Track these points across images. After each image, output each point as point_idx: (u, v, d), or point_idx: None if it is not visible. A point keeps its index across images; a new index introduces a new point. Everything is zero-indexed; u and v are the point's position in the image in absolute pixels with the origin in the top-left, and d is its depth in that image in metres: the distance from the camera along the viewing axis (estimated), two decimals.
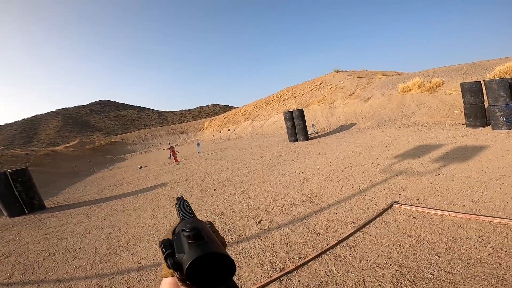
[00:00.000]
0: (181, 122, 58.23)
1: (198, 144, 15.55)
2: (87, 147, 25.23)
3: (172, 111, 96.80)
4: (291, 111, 11.91)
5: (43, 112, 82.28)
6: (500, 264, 2.18)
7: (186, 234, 0.45)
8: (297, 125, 11.58)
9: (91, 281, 3.24)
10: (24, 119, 77.07)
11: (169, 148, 13.29)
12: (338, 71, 20.83)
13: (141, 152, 25.49)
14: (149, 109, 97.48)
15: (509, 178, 3.85)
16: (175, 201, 0.69)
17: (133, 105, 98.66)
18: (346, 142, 9.14)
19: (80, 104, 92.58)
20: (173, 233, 0.52)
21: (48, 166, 17.11)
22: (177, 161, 12.66)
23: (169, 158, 13.39)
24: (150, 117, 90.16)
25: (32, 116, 79.50)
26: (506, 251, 2.32)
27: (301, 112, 11.66)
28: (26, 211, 7.52)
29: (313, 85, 20.35)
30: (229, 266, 0.43)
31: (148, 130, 36.35)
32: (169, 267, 0.44)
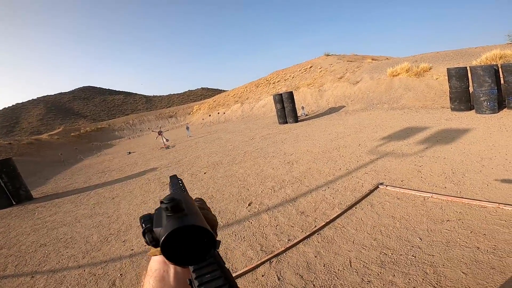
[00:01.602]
0: (169, 107, 57.04)
1: (187, 128, 15.37)
2: (72, 134, 24.44)
3: (160, 96, 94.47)
4: (281, 94, 11.83)
5: (24, 101, 78.67)
6: (478, 248, 2.28)
7: (164, 205, 0.41)
8: (286, 108, 11.56)
9: (84, 270, 3.25)
10: (4, 108, 73.70)
11: (158, 133, 13.09)
12: (328, 55, 20.64)
13: (129, 138, 25.03)
14: (136, 94, 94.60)
15: (490, 160, 4.01)
16: (169, 180, 0.66)
17: (119, 91, 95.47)
18: (334, 124, 9.22)
19: (63, 91, 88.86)
20: None
21: (33, 155, 16.60)
22: (165, 146, 12.51)
23: (162, 140, 13.15)
24: (137, 102, 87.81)
25: (13, 105, 76.05)
26: (484, 234, 2.43)
27: (290, 94, 11.60)
28: (14, 202, 7.34)
29: (303, 68, 20.16)
30: (210, 240, 0.40)
31: (135, 115, 35.48)
32: (147, 243, 0.42)
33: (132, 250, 3.50)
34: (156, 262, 0.46)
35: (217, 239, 0.42)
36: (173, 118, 30.20)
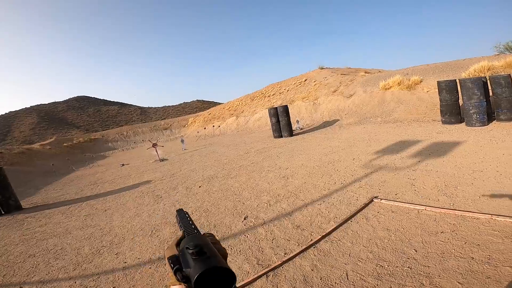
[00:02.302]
0: (164, 118, 57.08)
1: (182, 141, 15.36)
2: (64, 144, 24.18)
3: (155, 107, 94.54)
4: (276, 107, 11.98)
5: (17, 109, 77.99)
6: (473, 258, 2.31)
7: (190, 251, 0.51)
8: (281, 121, 11.67)
9: (75, 282, 3.18)
10: None
11: (152, 145, 13.04)
12: (322, 68, 21.11)
13: (123, 149, 24.83)
14: (130, 105, 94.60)
15: (481, 173, 4.09)
16: (176, 214, 0.74)
17: (113, 101, 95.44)
18: (329, 138, 9.32)
19: (56, 100, 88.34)
20: (177, 245, 0.59)
21: (24, 164, 16.33)
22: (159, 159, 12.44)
23: (154, 150, 13.06)
24: (132, 113, 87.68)
25: (5, 113, 75.28)
26: (478, 245, 2.46)
27: (285, 108, 11.75)
28: (3, 212, 7.18)
29: (298, 81, 20.52)
30: (230, 276, 0.49)
31: (130, 126, 35.37)
32: (178, 281, 0.51)
33: (125, 262, 3.43)
34: None
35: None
36: (168, 130, 30.15)
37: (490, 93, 7.18)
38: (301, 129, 12.95)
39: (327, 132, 10.77)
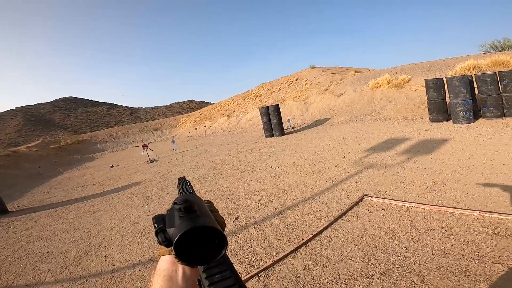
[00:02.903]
0: (155, 119, 56.41)
1: (173, 141, 15.18)
2: (51, 146, 23.58)
3: (146, 108, 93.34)
4: (267, 107, 11.96)
5: (2, 111, 75.90)
6: (463, 255, 2.33)
7: (177, 206, 0.43)
8: (273, 121, 11.67)
9: (63, 285, 3.11)
10: None
11: (142, 146, 12.85)
12: (313, 67, 21.26)
13: (112, 151, 24.36)
14: (120, 105, 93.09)
15: (468, 169, 4.16)
16: (177, 181, 0.67)
17: (102, 102, 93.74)
18: (320, 137, 9.36)
19: (43, 102, 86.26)
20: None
21: (10, 167, 15.83)
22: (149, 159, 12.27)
23: (142, 153, 12.91)
24: (122, 114, 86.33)
25: None
26: (468, 241, 2.49)
27: (276, 107, 11.75)
28: None
29: (289, 81, 20.58)
30: (221, 241, 0.41)
31: (119, 127, 34.86)
32: (159, 243, 0.42)
33: (114, 265, 3.36)
34: (165, 261, 0.47)
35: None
36: (159, 131, 29.79)
37: (476, 91, 7.33)
38: (293, 128, 12.97)
39: (318, 131, 10.82)
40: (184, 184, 0.64)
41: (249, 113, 18.67)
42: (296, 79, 19.97)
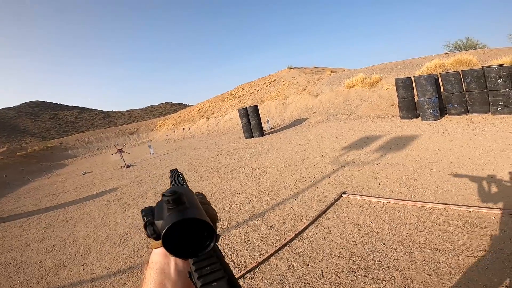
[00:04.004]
0: (130, 123, 54.58)
1: (149, 146, 14.76)
2: (18, 154, 22.03)
3: (120, 111, 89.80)
4: (246, 108, 11.97)
5: None
6: (437, 249, 2.45)
7: (166, 198, 0.42)
8: (252, 122, 11.69)
9: None
10: None
11: (117, 151, 12.36)
12: (291, 68, 21.52)
13: (85, 157, 23.23)
14: (92, 109, 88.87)
15: (437, 164, 4.41)
16: (169, 174, 0.66)
17: (72, 106, 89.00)
18: (299, 136, 9.51)
19: (6, 106, 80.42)
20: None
21: None
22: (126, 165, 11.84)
23: (119, 155, 12.39)
24: (94, 118, 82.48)
25: None
26: (440, 235, 2.62)
27: (255, 108, 11.78)
28: None
29: (268, 81, 20.70)
30: (210, 234, 0.41)
31: (92, 132, 33.26)
32: (148, 236, 0.42)
33: (93, 274, 3.26)
34: (157, 255, 0.47)
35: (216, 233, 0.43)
36: (135, 134, 28.81)
37: (442, 89, 7.78)
38: (272, 128, 13.07)
39: (296, 131, 10.98)
40: (176, 176, 0.64)
41: (228, 115, 18.57)
42: (275, 80, 20.14)
